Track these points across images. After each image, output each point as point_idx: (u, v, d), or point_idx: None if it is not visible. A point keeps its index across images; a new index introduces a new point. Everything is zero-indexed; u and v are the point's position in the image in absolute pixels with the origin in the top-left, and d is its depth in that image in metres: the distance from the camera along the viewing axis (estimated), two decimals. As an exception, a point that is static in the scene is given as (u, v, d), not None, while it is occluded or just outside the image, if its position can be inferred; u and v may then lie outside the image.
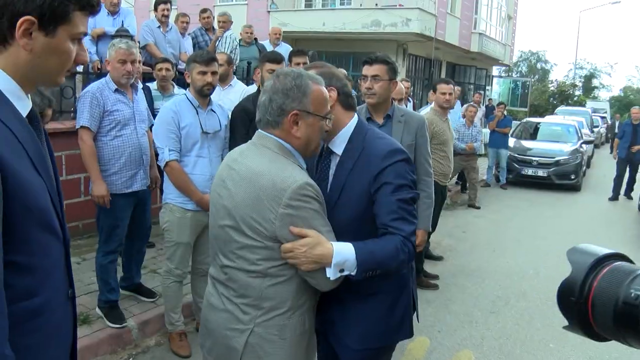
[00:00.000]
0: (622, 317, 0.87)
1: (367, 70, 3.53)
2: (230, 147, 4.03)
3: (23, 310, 1.34)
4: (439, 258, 6.73)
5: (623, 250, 1.04)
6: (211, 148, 3.83)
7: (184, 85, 6.59)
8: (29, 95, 1.46)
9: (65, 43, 1.40)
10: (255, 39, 8.91)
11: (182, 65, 7.44)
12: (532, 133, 15.17)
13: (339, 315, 2.21)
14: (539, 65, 52.84)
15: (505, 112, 12.81)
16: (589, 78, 52.94)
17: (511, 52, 32.71)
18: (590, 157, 17.52)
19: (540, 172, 12.54)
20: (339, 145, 2.16)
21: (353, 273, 1.93)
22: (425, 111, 5.55)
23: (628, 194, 12.15)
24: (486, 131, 12.96)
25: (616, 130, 17.27)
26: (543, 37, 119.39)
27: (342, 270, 1.93)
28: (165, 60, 5.93)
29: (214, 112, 3.93)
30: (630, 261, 0.99)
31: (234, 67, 6.98)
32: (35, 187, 1.35)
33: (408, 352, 4.13)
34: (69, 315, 1.58)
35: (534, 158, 12.64)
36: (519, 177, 12.60)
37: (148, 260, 4.85)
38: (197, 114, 3.79)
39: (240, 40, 8.71)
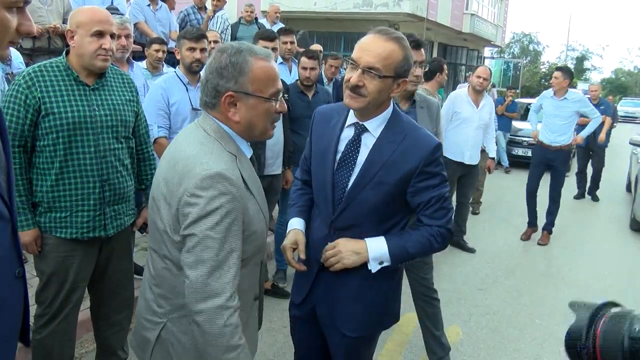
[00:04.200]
0: (631, 354, 0.95)
1: (417, 55, 3.16)
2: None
3: None
4: (471, 250, 6.47)
5: (609, 228, 1.08)
6: (201, 125, 3.84)
7: (172, 64, 6.57)
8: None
9: None
10: (256, 18, 8.84)
11: (172, 44, 7.40)
12: (523, 114, 15.20)
13: (333, 302, 2.22)
14: (531, 47, 52.76)
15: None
16: (580, 60, 53.00)
17: (503, 34, 32.65)
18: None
19: (530, 153, 12.53)
20: (377, 127, 2.12)
21: (389, 264, 2.11)
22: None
23: (593, 193, 10.14)
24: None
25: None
26: (536, 19, 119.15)
27: (381, 263, 2.11)
28: (162, 42, 5.89)
29: (204, 89, 3.92)
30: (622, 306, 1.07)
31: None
32: None
33: (397, 328, 4.17)
34: (18, 294, 1.49)
35: (524, 138, 12.66)
36: (509, 157, 12.64)
37: (139, 238, 4.86)
38: (187, 90, 3.80)
39: (240, 18, 8.67)
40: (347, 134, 2.16)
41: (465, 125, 6.00)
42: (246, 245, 1.74)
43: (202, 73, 3.52)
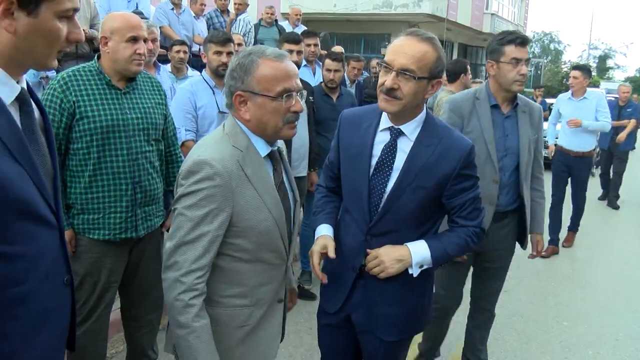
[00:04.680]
0: None
1: (522, 52, 2.95)
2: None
3: (3, 298, 1.29)
4: None
5: (635, 230, 1.07)
6: (228, 127, 3.88)
7: (197, 67, 6.64)
8: (24, 79, 1.39)
9: (51, 22, 1.30)
10: (276, 20, 8.90)
11: (195, 47, 7.48)
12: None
13: (372, 308, 2.21)
14: (552, 46, 52.20)
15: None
16: (603, 59, 52.26)
17: (524, 33, 32.35)
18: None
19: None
20: (413, 130, 2.10)
21: (429, 267, 2.14)
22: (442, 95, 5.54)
23: (613, 201, 9.47)
24: None
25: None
26: (557, 18, 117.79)
27: (421, 266, 2.12)
28: (182, 42, 5.96)
29: (230, 92, 3.96)
30: None
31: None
32: (10, 177, 1.26)
33: (422, 330, 4.17)
34: (66, 302, 1.52)
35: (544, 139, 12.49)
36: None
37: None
38: (214, 93, 3.83)
39: (261, 20, 8.74)
40: (382, 138, 2.13)
41: None
42: (241, 239, 1.83)
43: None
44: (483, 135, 2.98)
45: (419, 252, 2.10)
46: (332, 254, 2.11)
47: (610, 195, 9.49)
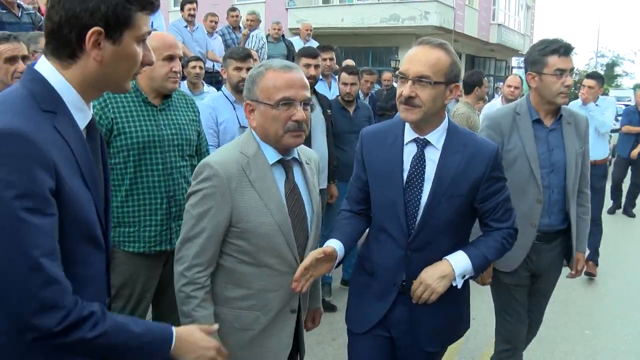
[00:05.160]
0: None
1: (566, 62, 2.78)
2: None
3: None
4: None
5: None
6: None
7: (210, 83, 6.73)
8: (91, 106, 1.45)
9: (132, 47, 1.38)
10: (283, 35, 9.01)
11: (209, 64, 7.58)
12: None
13: (413, 322, 2.20)
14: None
15: None
16: (611, 66, 52.08)
17: (531, 42, 32.34)
18: (615, 146, 17.25)
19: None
20: (439, 139, 2.12)
21: (471, 275, 2.15)
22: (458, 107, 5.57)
23: (628, 210, 9.31)
24: None
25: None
26: (563, 26, 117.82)
27: (464, 276, 2.11)
28: (197, 58, 6.05)
29: (250, 106, 4.02)
30: None
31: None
32: (83, 201, 1.35)
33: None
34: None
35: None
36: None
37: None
38: (234, 109, 3.89)
39: (268, 36, 8.86)
40: (410, 150, 2.15)
41: None
42: (241, 240, 1.95)
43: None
44: (525, 151, 2.83)
45: (459, 263, 2.09)
46: (325, 249, 2.00)
47: (628, 205, 9.25)
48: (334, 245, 2.08)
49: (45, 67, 1.35)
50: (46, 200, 1.22)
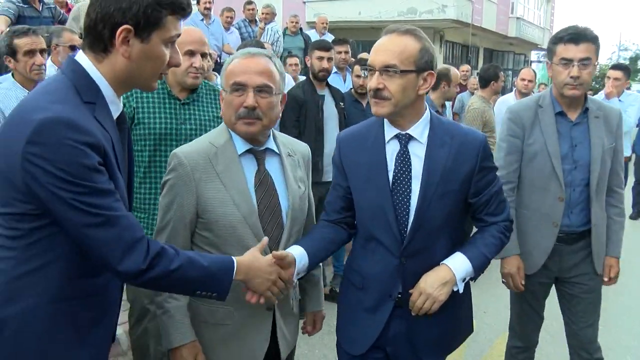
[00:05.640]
0: None
1: (572, 51, 2.58)
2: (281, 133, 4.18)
3: (89, 285, 1.52)
4: None
5: None
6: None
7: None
8: (121, 99, 1.58)
9: (159, 47, 1.49)
10: (301, 28, 9.06)
11: (224, 56, 7.64)
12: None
13: (412, 335, 2.05)
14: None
15: None
16: (634, 60, 51.23)
17: (550, 36, 32.03)
18: (635, 144, 16.99)
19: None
20: (422, 132, 1.97)
21: (472, 276, 2.01)
22: (474, 100, 5.56)
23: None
24: None
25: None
26: (585, 19, 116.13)
27: (464, 280, 1.98)
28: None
29: (263, 99, 4.06)
30: None
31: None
32: (119, 181, 1.50)
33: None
34: (119, 300, 1.75)
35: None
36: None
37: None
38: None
39: (286, 29, 8.91)
40: (392, 148, 1.99)
41: (495, 134, 5.94)
42: (207, 231, 1.93)
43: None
44: (546, 146, 2.69)
45: (460, 267, 1.95)
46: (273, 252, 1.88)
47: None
48: (293, 251, 1.93)
49: (84, 60, 1.49)
50: (98, 170, 1.39)
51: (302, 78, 5.47)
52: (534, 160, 2.75)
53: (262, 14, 8.52)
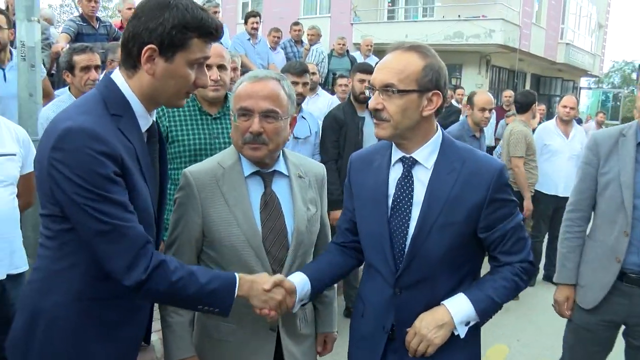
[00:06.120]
0: None
1: None
2: (321, 153, 4.28)
3: (113, 288, 1.58)
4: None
5: None
6: (302, 153, 4.06)
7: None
8: (153, 113, 1.69)
9: (182, 68, 1.58)
10: (347, 50, 9.20)
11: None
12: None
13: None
14: (634, 75, 50.13)
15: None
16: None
17: (601, 63, 31.45)
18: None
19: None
20: (428, 157, 1.81)
21: (477, 321, 1.82)
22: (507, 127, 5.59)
23: None
24: None
25: None
26: (638, 46, 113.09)
27: (468, 323, 1.80)
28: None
29: (305, 118, 4.17)
30: None
31: (322, 79, 7.35)
32: (142, 190, 1.59)
33: (486, 359, 4.17)
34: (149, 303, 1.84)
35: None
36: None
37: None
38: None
39: (332, 51, 9.06)
40: (396, 172, 1.85)
41: (556, 157, 5.92)
42: (211, 250, 1.96)
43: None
44: (619, 176, 2.54)
45: (459, 309, 1.77)
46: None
47: None
48: (294, 279, 1.87)
49: (118, 76, 1.62)
50: (112, 180, 1.48)
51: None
52: (606, 190, 2.62)
53: (308, 35, 8.70)
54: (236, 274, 1.73)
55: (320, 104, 5.92)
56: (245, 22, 7.97)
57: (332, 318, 2.28)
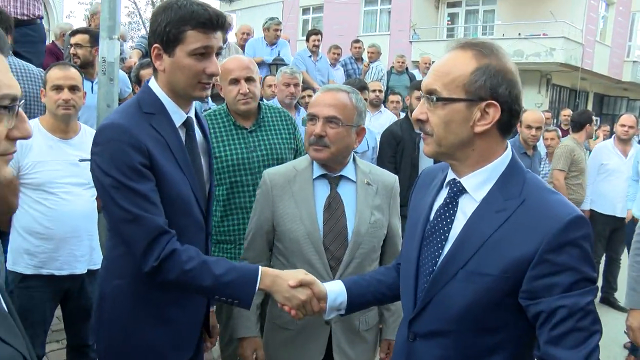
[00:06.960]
0: None
1: None
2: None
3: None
4: (623, 309, 5.49)
5: None
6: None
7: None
8: (191, 107, 1.87)
9: (184, 59, 1.71)
10: (407, 67, 9.35)
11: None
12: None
13: None
14: None
15: None
16: None
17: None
18: None
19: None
20: (479, 186, 1.43)
21: None
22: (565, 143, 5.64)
23: None
24: None
25: None
26: None
27: None
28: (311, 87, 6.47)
29: (362, 134, 4.35)
30: None
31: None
32: (177, 179, 1.74)
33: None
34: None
35: None
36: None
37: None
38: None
39: (392, 68, 9.23)
40: (442, 197, 1.55)
41: (614, 177, 5.85)
42: (279, 242, 2.20)
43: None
44: None
45: None
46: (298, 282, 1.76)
47: None
48: (331, 287, 1.79)
49: (152, 80, 1.83)
50: (138, 171, 1.64)
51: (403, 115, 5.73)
52: None
53: (368, 52, 8.90)
54: (259, 267, 1.76)
55: (383, 121, 6.06)
56: (307, 40, 8.22)
57: (397, 326, 1.98)
